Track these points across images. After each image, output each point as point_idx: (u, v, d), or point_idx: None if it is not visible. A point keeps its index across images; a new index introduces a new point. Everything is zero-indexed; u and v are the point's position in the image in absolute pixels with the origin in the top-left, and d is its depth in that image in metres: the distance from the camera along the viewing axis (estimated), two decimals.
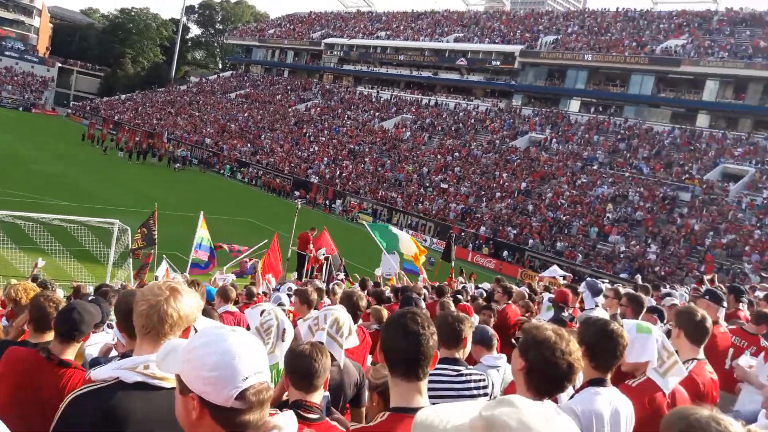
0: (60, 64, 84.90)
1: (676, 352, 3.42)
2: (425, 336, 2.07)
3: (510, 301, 8.76)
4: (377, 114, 57.79)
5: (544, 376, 2.24)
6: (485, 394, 3.29)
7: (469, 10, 69.49)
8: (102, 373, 1.98)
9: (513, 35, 57.67)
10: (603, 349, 2.83)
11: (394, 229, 18.28)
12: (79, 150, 46.73)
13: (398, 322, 2.08)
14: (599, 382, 2.86)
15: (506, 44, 56.15)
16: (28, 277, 10.15)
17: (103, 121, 62.37)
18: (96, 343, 4.61)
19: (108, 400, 1.91)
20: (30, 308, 3.66)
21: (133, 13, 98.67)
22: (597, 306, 7.15)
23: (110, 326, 5.17)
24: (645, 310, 5.46)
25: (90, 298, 5.11)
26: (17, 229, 16.19)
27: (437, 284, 11.72)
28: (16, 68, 79.00)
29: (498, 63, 55.65)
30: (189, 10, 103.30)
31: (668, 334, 3.91)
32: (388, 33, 69.85)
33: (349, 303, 4.87)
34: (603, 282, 9.88)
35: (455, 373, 3.29)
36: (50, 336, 3.33)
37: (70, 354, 3.28)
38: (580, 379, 3.58)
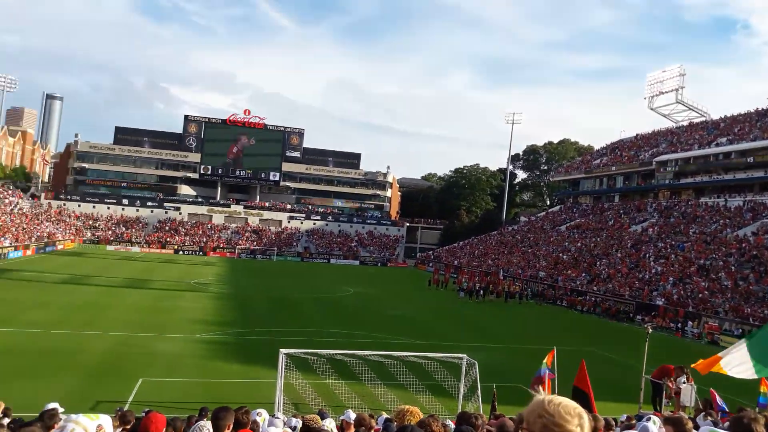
0: (408, 224, 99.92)
1: None
2: None
3: None
4: (728, 223, 51.14)
5: None
6: None
7: None
8: None
9: None
10: None
11: None
12: (425, 294, 51.48)
13: None
14: None
15: None
16: None
17: (445, 267, 68.31)
18: None
19: None
20: None
21: (464, 171, 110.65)
22: None
23: None
24: None
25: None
26: (382, 366, 18.10)
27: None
28: (375, 232, 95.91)
29: None
30: (514, 158, 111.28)
31: None
32: (729, 138, 63.16)
33: None
34: None
35: None
36: None
37: None
38: None
